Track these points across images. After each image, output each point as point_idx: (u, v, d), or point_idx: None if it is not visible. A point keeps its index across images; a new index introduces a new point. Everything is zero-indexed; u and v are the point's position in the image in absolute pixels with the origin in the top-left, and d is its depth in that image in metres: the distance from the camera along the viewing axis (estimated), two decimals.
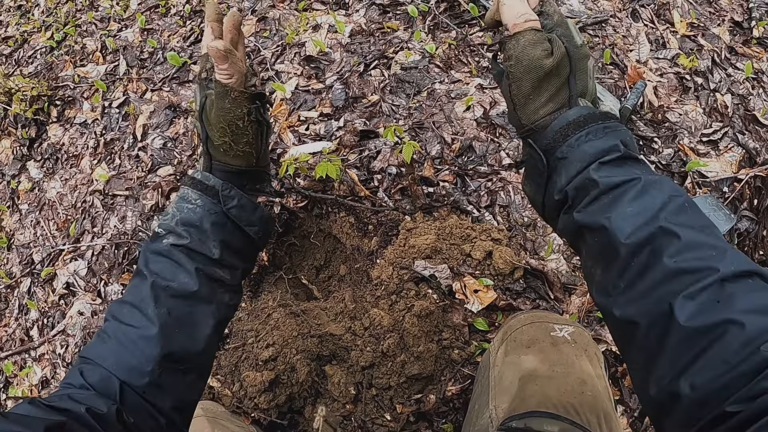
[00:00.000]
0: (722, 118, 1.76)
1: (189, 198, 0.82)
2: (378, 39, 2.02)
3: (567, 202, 0.69)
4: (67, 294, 1.94)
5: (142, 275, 0.78)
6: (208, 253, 0.80)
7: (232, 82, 0.80)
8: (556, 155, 0.70)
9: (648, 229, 0.60)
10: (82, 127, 2.25)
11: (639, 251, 0.59)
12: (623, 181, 0.64)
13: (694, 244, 0.57)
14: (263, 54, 2.08)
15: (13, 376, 1.93)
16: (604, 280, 0.64)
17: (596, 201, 0.65)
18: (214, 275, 0.81)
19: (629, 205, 0.62)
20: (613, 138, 0.68)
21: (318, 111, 1.88)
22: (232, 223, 0.83)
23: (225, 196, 0.82)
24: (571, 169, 0.68)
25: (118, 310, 0.77)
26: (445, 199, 1.63)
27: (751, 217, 1.63)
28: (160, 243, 0.80)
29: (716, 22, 1.99)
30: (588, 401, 1.01)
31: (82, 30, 2.57)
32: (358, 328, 1.44)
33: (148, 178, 1.98)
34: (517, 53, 0.71)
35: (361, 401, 1.40)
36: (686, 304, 0.54)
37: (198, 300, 0.79)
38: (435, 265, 1.47)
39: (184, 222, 0.81)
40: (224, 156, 0.84)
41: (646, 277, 0.58)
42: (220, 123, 0.81)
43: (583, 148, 0.68)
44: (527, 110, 0.73)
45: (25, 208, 2.21)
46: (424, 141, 1.73)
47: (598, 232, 0.64)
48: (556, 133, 0.70)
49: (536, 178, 0.74)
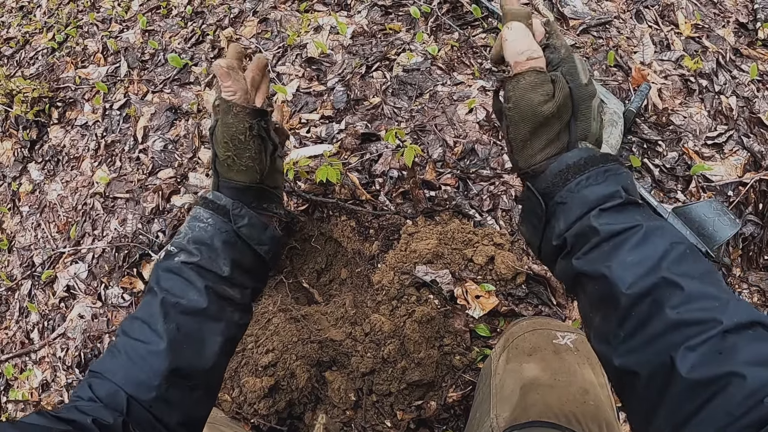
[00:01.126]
0: (727, 120, 1.74)
1: (200, 217, 0.84)
2: (380, 40, 2.01)
3: (565, 248, 0.68)
4: (67, 297, 1.93)
5: (153, 292, 0.79)
6: (218, 271, 0.81)
7: (234, 98, 0.82)
8: (555, 200, 0.68)
9: (650, 279, 0.59)
10: (83, 128, 2.25)
11: (640, 302, 0.58)
12: (624, 229, 0.63)
13: (697, 295, 0.56)
14: (264, 56, 2.06)
15: (13, 378, 1.93)
16: (604, 329, 0.63)
17: (596, 248, 0.64)
18: (223, 293, 0.82)
19: (630, 254, 0.61)
20: (614, 183, 0.66)
21: (319, 113, 1.87)
22: (242, 242, 0.84)
23: (235, 215, 0.84)
24: (571, 215, 0.67)
25: (128, 325, 0.78)
26: (446, 203, 1.62)
27: (756, 221, 1.61)
28: (172, 261, 0.81)
29: (721, 24, 1.97)
30: (590, 411, 1.00)
31: (84, 31, 2.57)
32: (359, 333, 1.43)
33: (149, 180, 1.97)
34: (516, 97, 0.69)
35: (362, 408, 1.39)
36: (688, 356, 0.53)
37: (207, 317, 0.79)
38: (436, 270, 1.46)
39: (195, 240, 0.82)
40: (229, 171, 0.86)
41: (647, 327, 0.58)
42: (224, 138, 0.83)
43: (583, 193, 0.66)
44: (523, 155, 0.72)
45: (26, 210, 2.20)
46: (426, 144, 1.72)
47: (598, 280, 0.63)
48: (555, 176, 0.68)
49: (534, 221, 0.73)
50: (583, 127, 0.71)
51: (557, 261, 0.71)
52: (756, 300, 1.56)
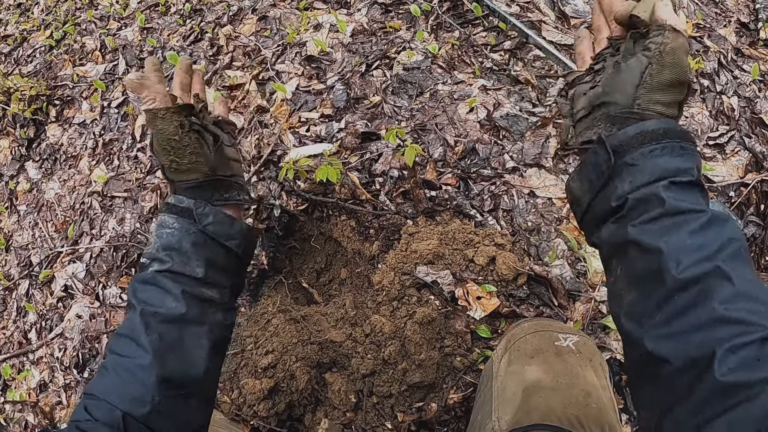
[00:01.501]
0: (728, 121, 1.73)
1: (166, 223, 0.83)
2: (380, 39, 2.00)
3: (621, 210, 0.66)
4: (65, 297, 1.92)
5: (132, 306, 0.79)
6: (192, 273, 0.81)
7: (156, 104, 0.83)
8: (626, 160, 0.66)
9: (703, 267, 0.57)
10: (80, 127, 2.23)
11: (688, 287, 0.57)
12: (690, 209, 0.62)
13: (747, 295, 0.55)
14: (264, 54, 2.05)
15: (11, 379, 1.92)
16: (638, 307, 0.61)
17: (656, 221, 0.62)
18: (202, 296, 0.81)
19: (690, 237, 0.60)
20: (689, 160, 0.66)
21: (319, 112, 1.86)
22: (211, 239, 0.84)
23: (199, 214, 0.83)
24: (639, 178, 0.65)
25: (114, 343, 0.78)
26: (447, 203, 1.61)
27: (758, 222, 1.61)
28: (146, 272, 0.81)
29: (722, 23, 1.96)
30: (593, 414, 0.99)
31: (82, 29, 2.55)
32: (359, 334, 1.42)
33: (147, 179, 1.96)
34: (676, 48, 0.68)
35: (362, 409, 1.39)
36: (728, 357, 0.52)
37: (187, 322, 0.79)
38: (437, 271, 1.45)
39: (165, 247, 0.81)
40: (177, 174, 0.86)
41: (689, 315, 0.56)
42: (161, 144, 0.83)
43: (657, 161, 0.65)
44: (652, 96, 0.69)
45: (24, 209, 2.19)
46: (426, 143, 1.71)
47: (650, 253, 0.61)
48: (632, 138, 0.67)
49: (592, 176, 0.70)
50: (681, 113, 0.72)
51: (605, 224, 0.69)
52: None
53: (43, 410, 1.79)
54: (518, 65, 1.87)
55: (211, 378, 0.82)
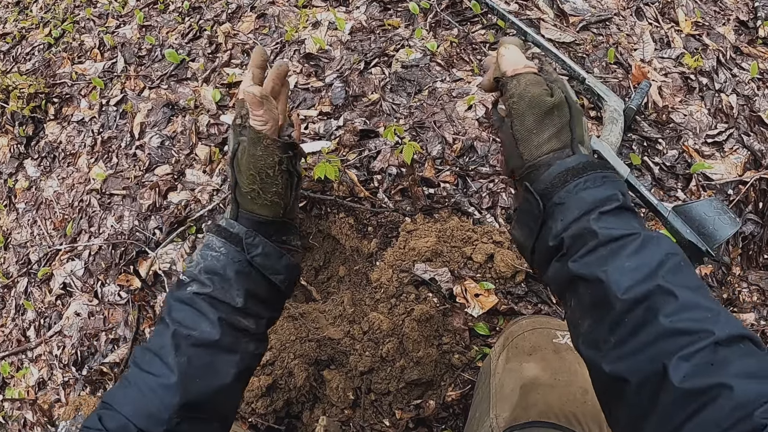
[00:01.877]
0: (727, 119, 1.73)
1: (213, 245, 0.81)
2: (378, 36, 2.00)
3: (561, 249, 0.68)
4: (63, 294, 1.92)
5: (165, 323, 0.77)
6: (231, 302, 0.78)
7: (265, 129, 0.79)
8: (554, 201, 0.69)
9: (645, 286, 0.59)
10: (79, 125, 2.23)
11: (634, 308, 0.59)
12: (623, 235, 0.64)
13: (690, 305, 0.57)
14: None
15: (9, 377, 1.92)
16: (594, 334, 0.64)
17: (593, 252, 0.64)
18: (238, 324, 0.79)
19: (628, 260, 0.62)
20: (612, 187, 0.68)
21: (317, 109, 1.86)
22: (256, 271, 0.81)
23: (249, 244, 0.81)
24: (569, 216, 0.67)
25: (140, 356, 0.76)
26: (446, 201, 1.61)
27: (756, 220, 1.61)
28: (184, 291, 0.79)
29: (721, 22, 1.96)
30: (590, 411, 0.99)
31: (80, 26, 2.55)
32: (357, 332, 1.42)
33: (146, 177, 1.96)
34: (520, 91, 0.73)
35: (360, 407, 1.39)
36: (681, 365, 0.54)
37: (219, 349, 0.77)
38: (435, 268, 1.45)
39: (208, 270, 0.79)
40: (251, 204, 0.83)
41: (639, 334, 0.58)
42: (250, 170, 0.80)
43: (582, 195, 0.67)
44: (530, 144, 0.73)
45: (22, 207, 2.19)
46: (424, 141, 1.71)
47: (593, 284, 0.63)
48: (555, 178, 0.70)
49: (529, 222, 0.73)
50: (580, 134, 0.74)
51: (551, 263, 0.71)
52: (756, 299, 1.55)
53: (41, 408, 1.79)
54: None
55: (233, 404, 0.81)
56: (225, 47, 2.14)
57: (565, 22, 1.95)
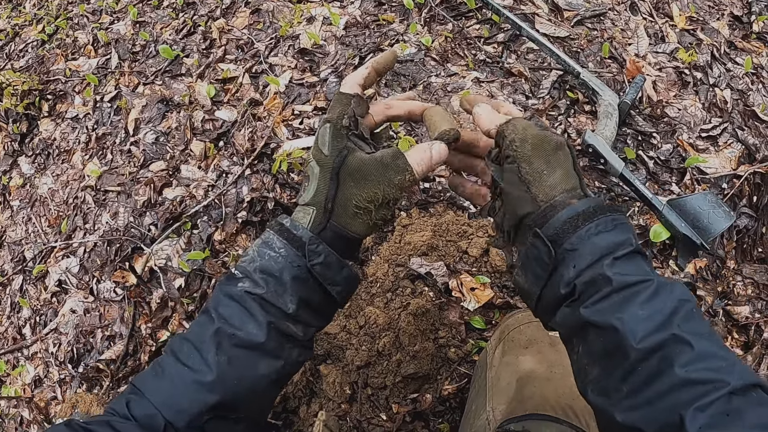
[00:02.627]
0: (721, 113, 1.74)
1: (273, 245, 0.76)
2: (373, 31, 1.99)
3: (573, 295, 0.66)
4: (59, 291, 1.92)
5: (210, 316, 0.74)
6: (283, 307, 0.74)
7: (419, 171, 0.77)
8: (565, 247, 0.67)
9: (660, 335, 0.59)
10: (73, 121, 2.22)
11: (649, 357, 0.58)
12: (637, 281, 0.63)
13: (706, 354, 0.57)
14: (257, 47, 2.05)
15: (5, 375, 1.91)
16: (604, 381, 0.62)
17: (607, 299, 0.63)
18: (286, 330, 0.75)
19: (641, 308, 0.61)
20: (624, 232, 0.67)
21: (312, 104, 1.86)
22: (314, 279, 0.76)
23: (311, 251, 0.75)
24: (582, 262, 0.66)
25: (178, 346, 0.74)
26: (441, 195, 1.61)
27: (751, 214, 1.61)
28: (235, 286, 0.75)
29: (715, 16, 1.97)
30: (586, 403, 1.00)
31: (74, 23, 2.54)
32: (353, 326, 1.42)
33: (141, 173, 1.96)
34: (520, 135, 0.71)
35: (357, 401, 1.39)
36: (698, 416, 0.54)
37: (263, 353, 0.74)
38: (431, 263, 1.45)
39: (263, 270, 0.75)
40: (351, 219, 0.78)
41: (654, 383, 0.58)
42: (377, 192, 0.76)
43: (594, 241, 0.66)
44: (544, 185, 0.70)
45: (17, 204, 2.18)
46: (419, 135, 1.71)
47: (606, 331, 0.62)
48: (565, 224, 0.67)
49: (537, 270, 0.70)
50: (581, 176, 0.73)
51: (559, 309, 0.69)
52: (750, 292, 1.56)
53: (38, 406, 1.79)
54: (511, 57, 1.87)
55: (266, 408, 0.79)
56: (219, 43, 2.14)
57: (560, 17, 1.95)
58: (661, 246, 1.54)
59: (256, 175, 1.75)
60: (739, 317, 1.48)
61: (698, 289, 1.49)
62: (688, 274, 1.51)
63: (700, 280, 1.52)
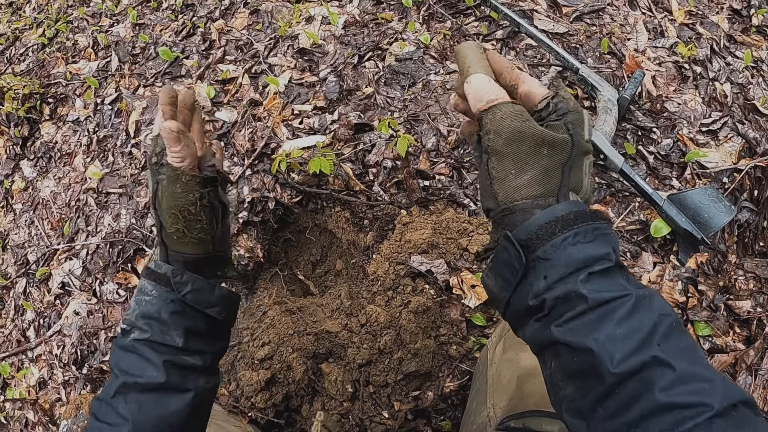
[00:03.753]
0: (721, 107, 1.73)
1: (145, 289, 0.81)
2: (372, 30, 1.99)
3: (543, 310, 0.61)
4: (62, 294, 1.92)
5: (114, 374, 0.78)
6: (172, 343, 0.78)
7: (183, 166, 0.77)
8: (538, 254, 0.61)
9: (640, 357, 0.55)
10: (74, 124, 2.23)
11: (627, 380, 0.55)
12: (613, 298, 0.58)
13: (688, 377, 0.54)
14: (256, 47, 2.05)
15: (10, 377, 1.92)
16: (579, 403, 0.59)
17: (580, 317, 0.58)
18: (183, 364, 0.79)
19: (619, 326, 0.56)
20: (604, 244, 0.61)
21: (312, 104, 1.86)
22: (191, 308, 0.81)
23: (177, 282, 0.79)
24: (554, 274, 0.60)
25: (96, 407, 0.77)
26: (441, 193, 1.61)
27: (752, 208, 1.61)
28: (127, 339, 0.79)
29: (715, 10, 1.96)
30: None
31: (74, 26, 2.54)
32: (355, 325, 1.43)
33: (142, 175, 1.96)
34: (495, 126, 0.64)
35: (359, 399, 1.39)
36: None
37: (168, 391, 0.77)
38: (431, 260, 1.45)
39: (144, 315, 0.79)
40: (178, 244, 0.81)
41: (633, 407, 0.54)
42: (172, 209, 0.78)
43: (570, 251, 0.60)
44: (506, 185, 0.65)
45: (19, 207, 2.19)
46: (419, 133, 1.71)
47: (581, 353, 0.57)
48: (540, 228, 0.61)
49: (506, 274, 0.64)
50: (576, 178, 0.66)
51: (528, 322, 0.64)
52: (752, 286, 1.55)
53: (42, 407, 1.80)
54: (510, 54, 1.86)
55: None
56: (219, 44, 2.14)
57: (559, 13, 1.94)
58: (662, 241, 1.53)
59: (256, 175, 1.76)
60: (741, 312, 1.48)
61: (699, 284, 1.49)
62: (689, 268, 1.50)
63: (702, 274, 1.52)
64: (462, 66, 0.70)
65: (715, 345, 1.42)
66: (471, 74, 0.69)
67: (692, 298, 1.46)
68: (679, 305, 1.46)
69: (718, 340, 1.42)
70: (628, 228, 1.55)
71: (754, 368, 1.40)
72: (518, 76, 0.70)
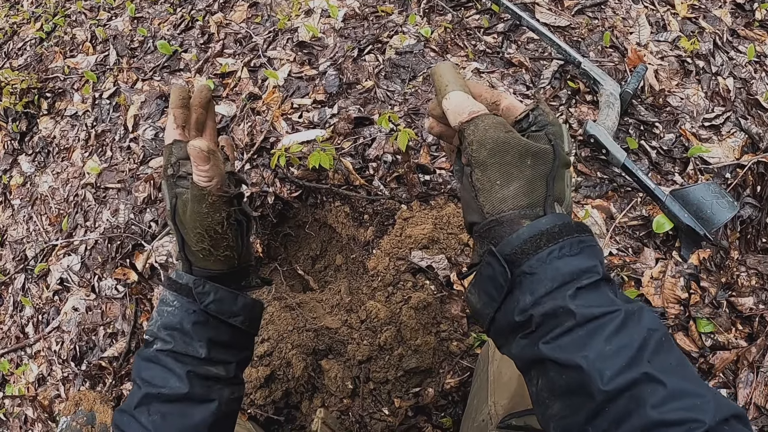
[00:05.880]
0: (724, 102, 1.72)
1: (167, 300, 0.80)
2: (372, 23, 1.98)
3: (529, 326, 0.60)
4: (61, 290, 1.91)
5: (136, 384, 0.78)
6: (195, 354, 0.78)
7: (211, 186, 0.75)
8: (523, 269, 0.60)
9: (630, 374, 0.54)
10: (72, 119, 2.21)
11: (617, 397, 0.54)
12: (603, 313, 0.57)
13: (679, 393, 0.53)
14: (255, 40, 2.03)
15: (9, 374, 1.92)
16: (567, 420, 0.57)
17: (569, 333, 0.57)
18: (207, 374, 0.78)
19: (608, 342, 0.55)
20: (590, 257, 0.60)
21: (311, 98, 1.85)
22: (214, 318, 0.80)
23: (199, 293, 0.79)
24: (540, 289, 0.59)
25: (119, 419, 0.76)
26: (441, 187, 1.60)
27: (755, 204, 1.60)
28: (149, 349, 0.79)
29: (718, 4, 1.94)
30: None
31: (72, 20, 2.53)
32: (355, 321, 1.42)
33: (140, 169, 1.95)
34: (479, 137, 0.63)
35: (359, 396, 1.38)
36: None
37: (192, 402, 0.76)
38: (432, 256, 1.44)
39: (166, 326, 0.78)
40: (204, 262, 0.80)
41: (623, 425, 0.53)
42: (197, 228, 0.76)
43: (557, 265, 0.59)
44: (492, 197, 0.63)
45: (18, 203, 2.18)
46: (419, 127, 1.70)
47: (570, 370, 0.56)
48: (525, 243, 0.60)
49: (491, 290, 0.63)
50: (559, 189, 0.65)
51: (514, 339, 0.63)
52: (754, 283, 1.54)
53: (42, 404, 1.79)
54: (511, 48, 1.85)
55: None
56: (217, 37, 2.12)
57: (560, 6, 1.93)
58: (665, 237, 1.52)
59: (255, 170, 1.75)
60: (743, 308, 1.47)
61: (702, 281, 1.48)
62: (692, 265, 1.49)
63: (704, 271, 1.50)
64: (439, 85, 0.70)
65: (718, 342, 1.41)
66: (449, 91, 0.68)
67: (694, 295, 1.45)
68: (681, 302, 1.45)
69: (720, 337, 1.41)
70: (630, 224, 1.54)
71: (756, 365, 1.39)
72: (498, 94, 0.71)
